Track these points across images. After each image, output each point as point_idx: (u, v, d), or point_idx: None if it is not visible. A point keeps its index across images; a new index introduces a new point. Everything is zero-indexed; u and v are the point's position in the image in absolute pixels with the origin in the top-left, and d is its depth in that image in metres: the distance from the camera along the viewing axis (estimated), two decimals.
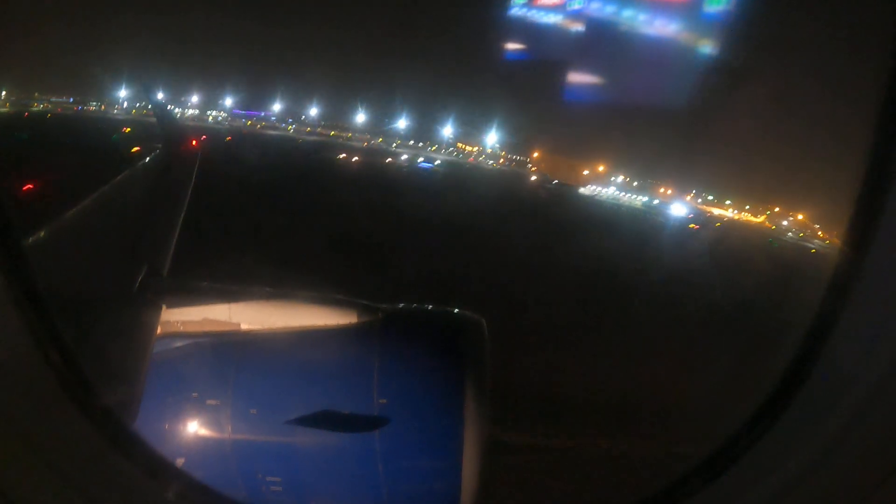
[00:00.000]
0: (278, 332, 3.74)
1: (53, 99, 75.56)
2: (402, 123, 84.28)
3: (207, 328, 3.78)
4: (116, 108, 77.38)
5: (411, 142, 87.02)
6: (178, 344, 3.71)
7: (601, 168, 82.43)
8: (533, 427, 10.14)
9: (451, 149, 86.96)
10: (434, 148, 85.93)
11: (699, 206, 77.13)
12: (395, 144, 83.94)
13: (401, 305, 3.99)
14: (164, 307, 3.67)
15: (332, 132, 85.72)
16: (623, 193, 72.26)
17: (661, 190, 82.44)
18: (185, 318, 3.79)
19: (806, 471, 1.79)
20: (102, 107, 78.70)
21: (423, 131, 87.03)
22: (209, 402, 3.49)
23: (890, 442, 1.69)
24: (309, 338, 3.71)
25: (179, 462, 3.27)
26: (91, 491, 1.89)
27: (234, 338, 3.74)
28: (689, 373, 13.07)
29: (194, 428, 3.48)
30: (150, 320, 3.51)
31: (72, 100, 78.08)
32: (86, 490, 1.88)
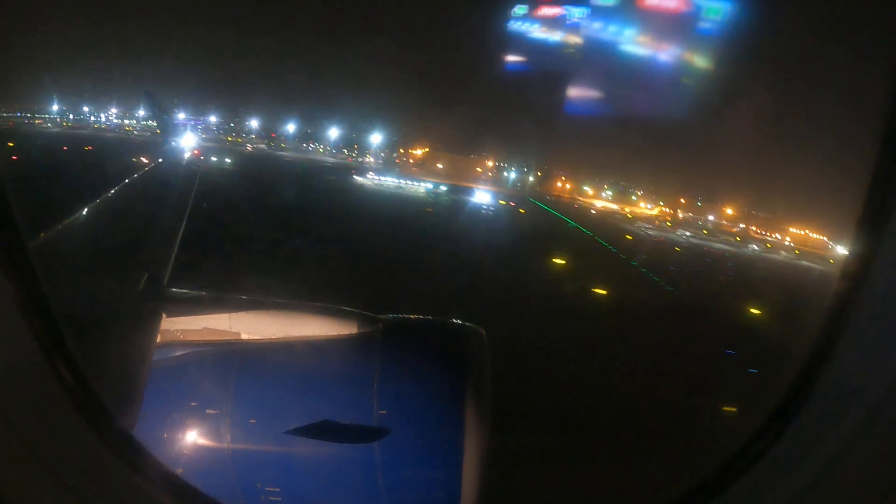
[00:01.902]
0: (278, 342, 3.73)
1: (4, 114, 77.59)
2: (290, 128, 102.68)
3: (207, 337, 3.77)
4: (47, 123, 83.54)
5: (306, 144, 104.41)
6: (178, 353, 3.69)
7: (489, 164, 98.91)
8: None
9: (342, 149, 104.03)
10: (322, 150, 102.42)
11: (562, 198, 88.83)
12: (280, 147, 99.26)
13: (401, 316, 3.98)
14: (164, 315, 3.66)
15: (229, 137, 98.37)
16: (407, 181, 75.26)
17: (559, 185, 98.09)
18: (185, 326, 3.78)
19: (810, 486, 1.77)
20: (37, 120, 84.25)
21: (315, 135, 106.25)
22: (208, 411, 3.47)
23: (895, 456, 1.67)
24: (309, 348, 3.69)
25: (178, 471, 3.25)
26: (88, 498, 1.88)
27: (233, 347, 3.73)
28: None
29: (193, 437, 3.45)
30: (149, 328, 3.49)
31: (19, 113, 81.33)
32: (83, 496, 1.86)
